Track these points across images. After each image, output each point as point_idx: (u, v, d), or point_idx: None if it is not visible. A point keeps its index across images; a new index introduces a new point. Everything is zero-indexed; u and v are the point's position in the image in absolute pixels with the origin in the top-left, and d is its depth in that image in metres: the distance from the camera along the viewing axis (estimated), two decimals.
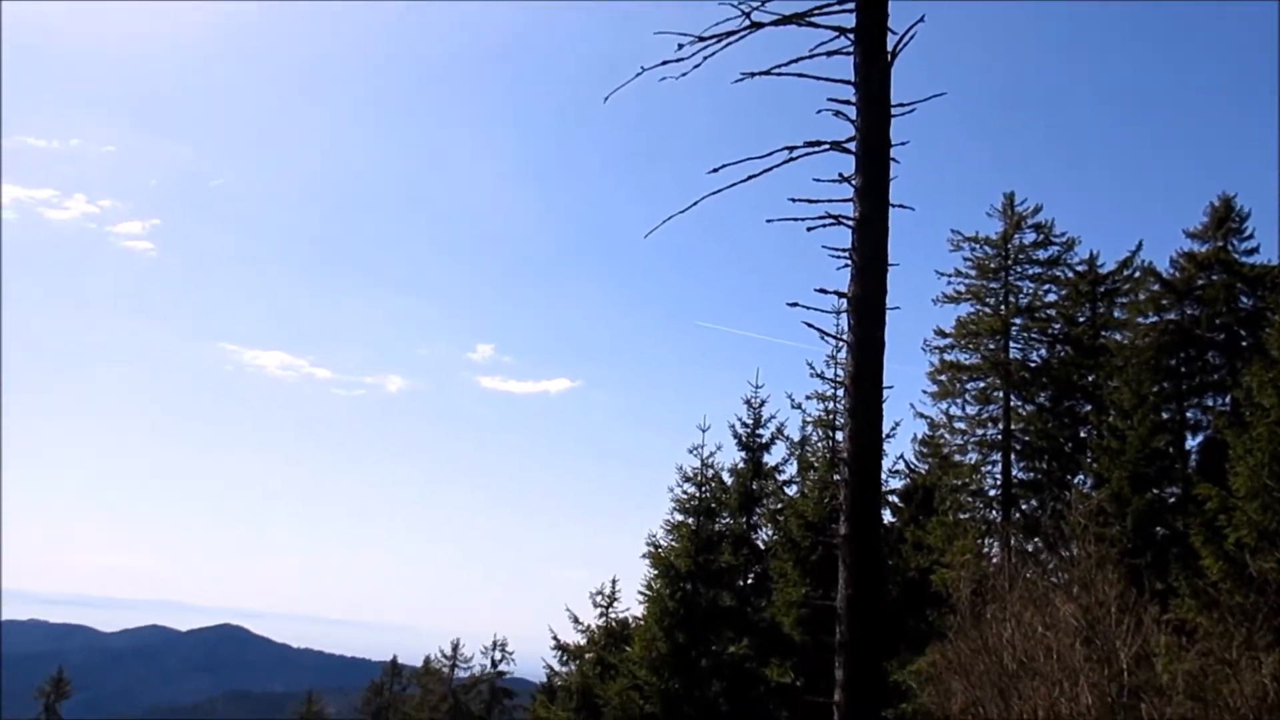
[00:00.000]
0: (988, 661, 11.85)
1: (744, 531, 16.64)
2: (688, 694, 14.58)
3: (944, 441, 25.95)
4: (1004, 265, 25.39)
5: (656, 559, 15.72)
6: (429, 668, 55.79)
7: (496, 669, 53.68)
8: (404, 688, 60.22)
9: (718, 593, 15.28)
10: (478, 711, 53.15)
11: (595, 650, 19.31)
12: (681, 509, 16.12)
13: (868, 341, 10.50)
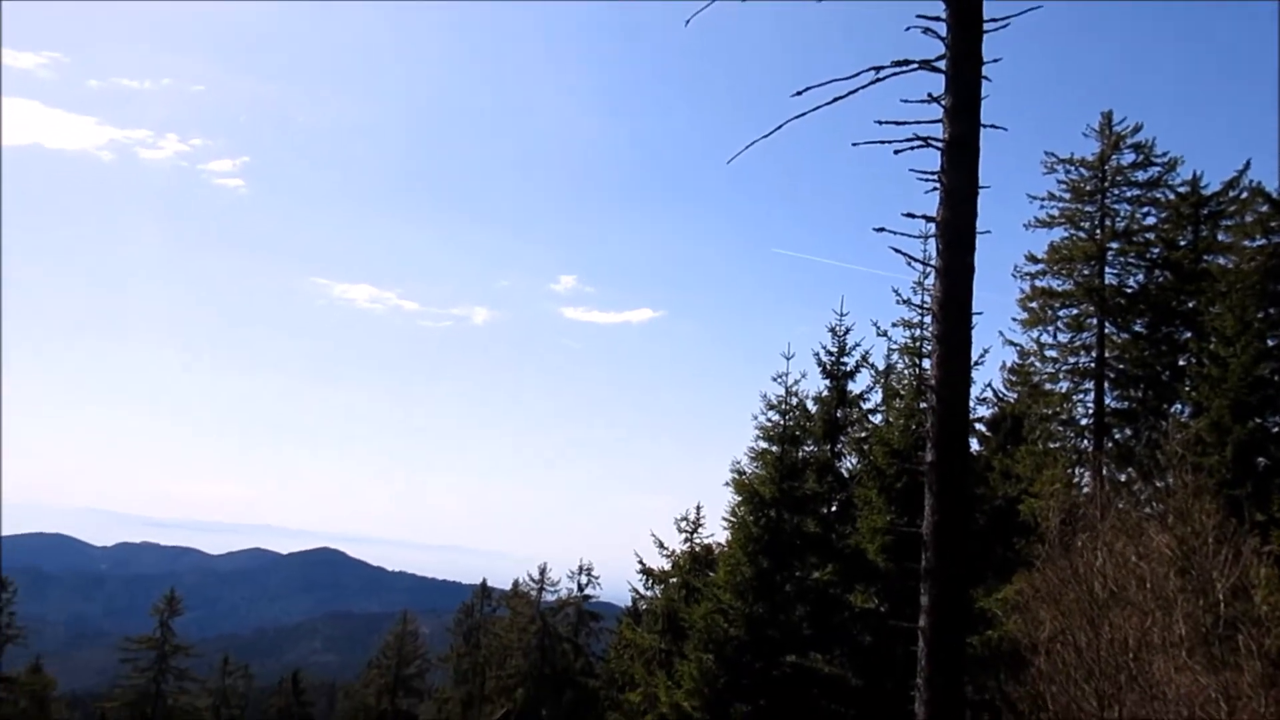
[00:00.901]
0: (1077, 590, 11.73)
1: (828, 459, 16.61)
2: (772, 618, 14.76)
3: (1034, 370, 25.44)
4: (1100, 188, 24.50)
5: (741, 485, 15.81)
6: (517, 591, 57.34)
7: (583, 593, 54.96)
8: (493, 610, 62.06)
9: (802, 519, 15.33)
10: (565, 633, 54.60)
11: (680, 574, 19.63)
12: (766, 436, 16.14)
13: (957, 267, 10.31)
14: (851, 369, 17.33)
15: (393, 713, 60.29)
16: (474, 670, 58.33)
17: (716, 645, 14.64)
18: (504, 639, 55.60)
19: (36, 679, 54.21)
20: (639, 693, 19.29)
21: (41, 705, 54.02)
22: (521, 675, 53.12)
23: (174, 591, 52.75)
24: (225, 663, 58.26)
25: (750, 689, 14.44)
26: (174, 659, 51.16)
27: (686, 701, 14.47)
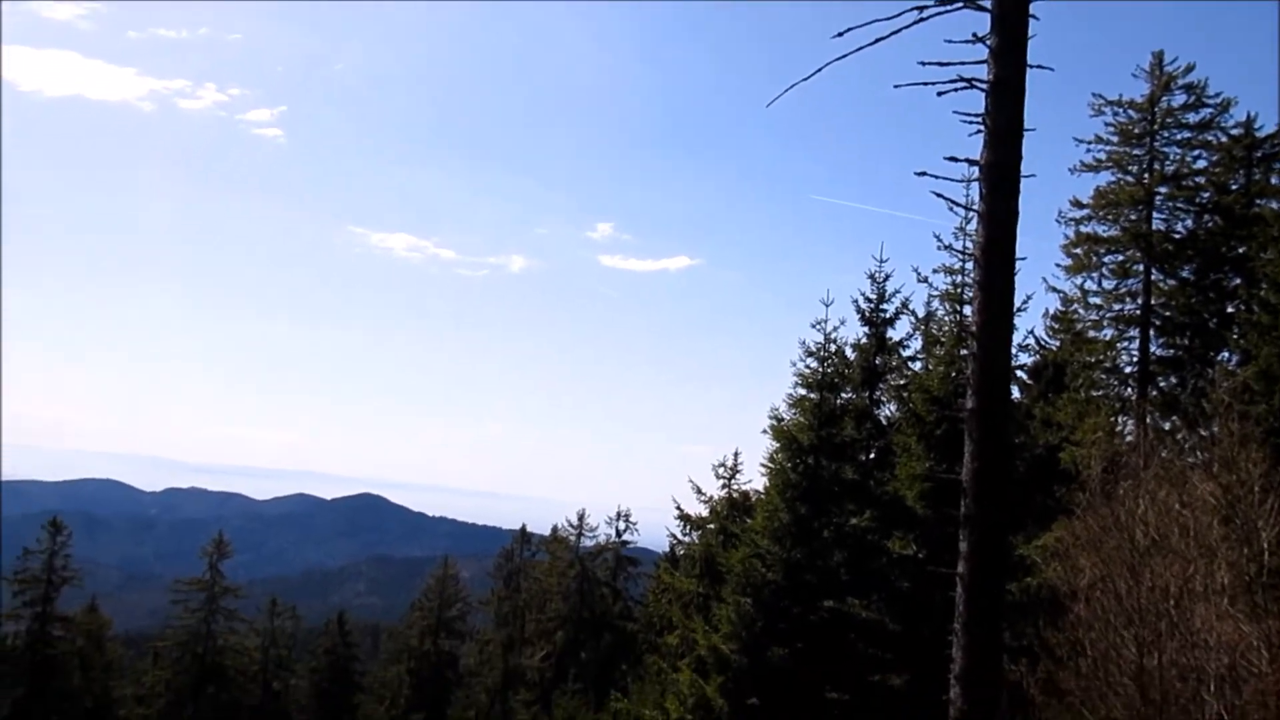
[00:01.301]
0: (1118, 538, 11.66)
1: (866, 406, 16.56)
2: (809, 563, 14.86)
3: (1077, 317, 25.07)
4: (1149, 130, 23.88)
5: (779, 432, 15.83)
6: (556, 536, 58.06)
7: (620, 538, 55.54)
8: (533, 554, 62.91)
9: (840, 466, 15.35)
10: (603, 578, 55.31)
11: (718, 520, 19.77)
12: (804, 383, 16.11)
13: (1000, 212, 10.17)
14: (891, 316, 17.20)
15: (435, 653, 61.61)
16: (514, 613, 59.35)
17: (754, 590, 14.78)
18: (543, 583, 56.43)
19: (92, 619, 55.94)
20: (676, 635, 19.56)
21: (98, 644, 55.77)
22: (561, 618, 53.98)
23: (222, 535, 54.01)
24: (273, 604, 59.73)
25: (787, 633, 14.59)
26: (223, 600, 52.52)
27: (724, 645, 14.66)
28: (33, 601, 49.19)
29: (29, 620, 49.13)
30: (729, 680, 14.66)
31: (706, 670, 15.19)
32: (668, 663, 20.83)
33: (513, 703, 53.71)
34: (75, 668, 51.00)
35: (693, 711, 14.97)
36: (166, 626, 55.29)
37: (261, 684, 56.73)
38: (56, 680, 49.19)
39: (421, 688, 60.89)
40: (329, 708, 64.70)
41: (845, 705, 14.56)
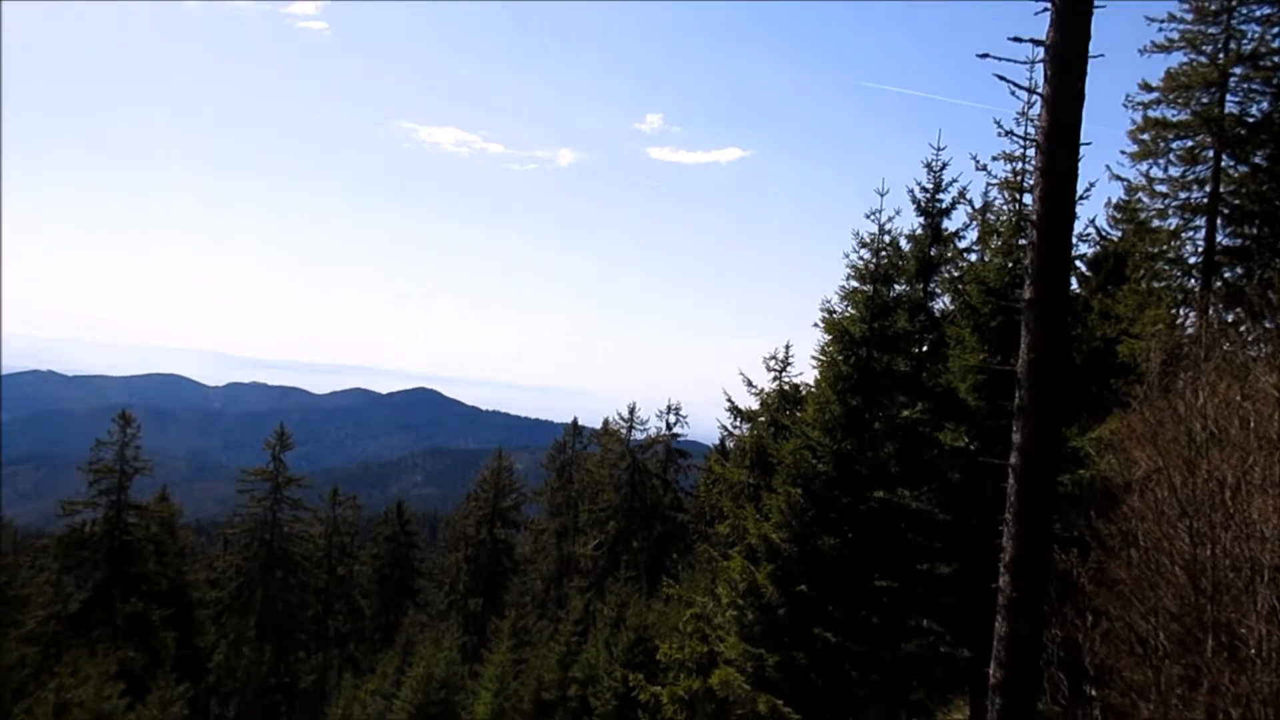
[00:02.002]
0: (1175, 430, 11.53)
1: (920, 298, 16.35)
2: (860, 454, 14.92)
3: (1141, 206, 24.32)
4: (1227, 7, 22.66)
5: (831, 325, 15.72)
6: (608, 429, 58.86)
7: (671, 431, 56.16)
8: (585, 447, 63.97)
9: (892, 358, 15.24)
10: (654, 470, 56.18)
11: (768, 412, 19.87)
12: (857, 275, 15.89)
13: (1065, 94, 9.81)
14: (947, 206, 16.82)
15: (492, 542, 63.47)
16: (567, 504, 60.72)
17: (804, 480, 14.91)
18: (595, 474, 57.52)
19: (164, 507, 58.20)
20: (727, 525, 19.90)
21: (170, 530, 58.14)
22: (613, 509, 55.14)
23: (283, 428, 55.55)
24: (334, 494, 61.68)
25: (837, 522, 14.76)
26: (287, 490, 54.37)
27: (775, 534, 14.88)
28: (107, 490, 51.31)
29: (105, 508, 51.34)
30: (779, 568, 14.92)
31: (757, 558, 15.47)
32: (718, 551, 21.25)
33: (567, 589, 55.36)
34: (150, 553, 53.36)
35: (743, 597, 15.31)
36: (234, 514, 57.52)
37: (326, 569, 59.06)
38: (133, 565, 51.57)
39: (479, 574, 62.97)
40: (391, 592, 67.26)
41: (893, 592, 14.79)
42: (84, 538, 50.82)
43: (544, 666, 38.81)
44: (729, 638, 16.14)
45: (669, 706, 20.46)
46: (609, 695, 32.30)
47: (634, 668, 28.89)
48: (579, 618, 43.70)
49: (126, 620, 50.12)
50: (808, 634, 14.44)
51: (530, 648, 43.42)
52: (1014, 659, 9.94)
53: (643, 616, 34.16)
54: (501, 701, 36.63)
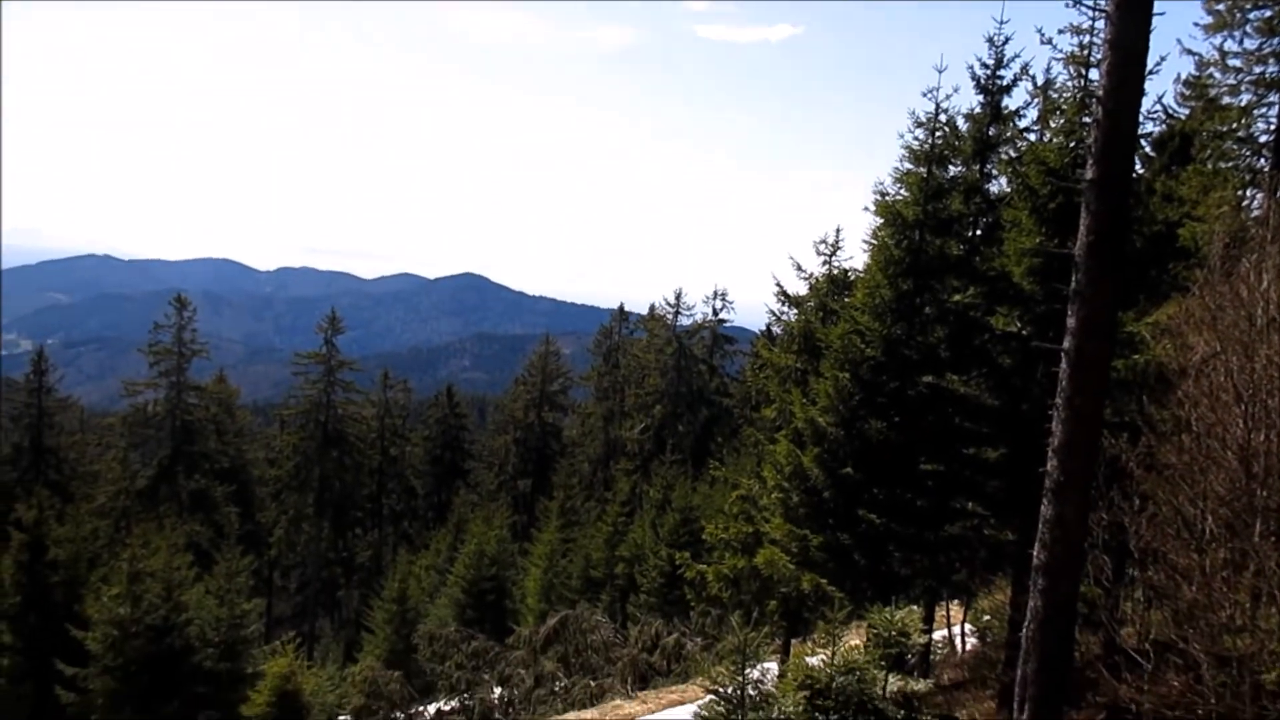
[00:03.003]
0: (1235, 314, 11.27)
1: (976, 180, 15.90)
2: (909, 339, 14.81)
3: (1212, 82, 23.26)
4: None
5: (883, 208, 15.40)
6: (654, 314, 59.02)
7: (717, 316, 56.21)
8: (631, 332, 64.32)
9: (945, 241, 14.94)
10: (700, 355, 56.44)
11: (817, 297, 19.72)
12: (912, 156, 15.47)
13: None
14: (1008, 83, 16.19)
15: (540, 425, 64.57)
16: (614, 388, 61.40)
17: (852, 365, 14.87)
18: (641, 360, 57.97)
19: (222, 388, 59.72)
20: (773, 409, 20.01)
21: (229, 411, 59.77)
22: (659, 393, 55.71)
23: (335, 312, 56.31)
24: (385, 377, 62.82)
25: (884, 407, 14.76)
26: (339, 373, 55.43)
27: (821, 418, 14.94)
28: (167, 372, 52.71)
29: (166, 389, 52.83)
30: (825, 451, 15.03)
31: (803, 442, 15.58)
32: (764, 435, 21.44)
33: (613, 472, 56.44)
34: (211, 432, 55.04)
35: (789, 480, 15.49)
36: (290, 396, 58.93)
37: (379, 450, 60.63)
38: (195, 443, 53.28)
39: (527, 457, 64.33)
40: (442, 473, 69.04)
41: (938, 476, 14.86)
42: (147, 417, 52.52)
43: (591, 546, 39.92)
44: (774, 519, 16.40)
45: (714, 584, 21.00)
46: (655, 573, 33.24)
47: (679, 547, 29.62)
48: (625, 499, 44.68)
49: (191, 496, 52.12)
50: (852, 516, 14.62)
51: (578, 528, 44.60)
52: (1059, 541, 10.02)
53: (688, 499, 34.84)
54: (550, 578, 37.85)
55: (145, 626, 26.31)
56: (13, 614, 28.42)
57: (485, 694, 23.00)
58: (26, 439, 53.14)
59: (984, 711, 14.37)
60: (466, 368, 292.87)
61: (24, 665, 27.65)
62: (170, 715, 26.24)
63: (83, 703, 26.31)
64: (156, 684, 26.17)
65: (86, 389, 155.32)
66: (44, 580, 28.91)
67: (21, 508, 32.33)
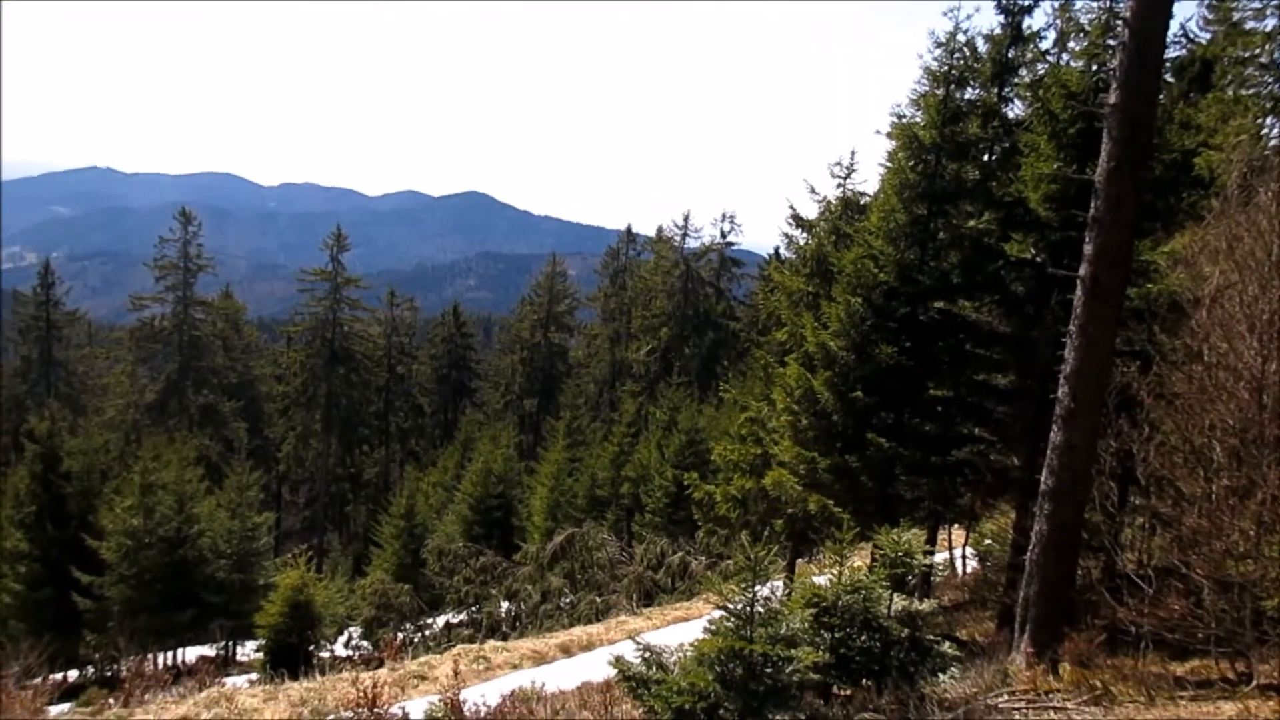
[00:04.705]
0: (1252, 244, 11.21)
1: (995, 104, 15.64)
2: (922, 264, 14.73)
3: (1236, 5, 22.75)
4: None
5: (899, 130, 15.17)
6: (661, 236, 58.73)
7: (725, 239, 55.92)
8: (638, 254, 64.10)
9: (961, 165, 14.75)
10: (707, 278, 56.29)
11: (830, 220, 19.59)
12: (930, 78, 15.19)
13: None
14: (1030, 3, 15.82)
15: (546, 345, 64.71)
16: (620, 310, 61.41)
17: (865, 289, 14.81)
18: (648, 282, 57.85)
19: (229, 304, 59.78)
20: (784, 331, 20.03)
21: (236, 327, 59.93)
22: (665, 316, 55.72)
23: (339, 229, 56.03)
24: (391, 295, 62.80)
25: (896, 332, 14.75)
26: (345, 290, 55.40)
27: (833, 342, 14.95)
28: (174, 286, 52.75)
29: (173, 303, 52.91)
30: (835, 375, 15.06)
31: (813, 365, 15.61)
32: (774, 358, 21.51)
33: (620, 393, 56.75)
34: (218, 348, 55.30)
35: (798, 403, 15.56)
36: (296, 313, 59.01)
37: (386, 367, 60.92)
38: (203, 358, 53.57)
39: (534, 376, 64.63)
40: (449, 391, 69.49)
41: (947, 401, 14.94)
42: (155, 331, 52.73)
43: (597, 465, 40.35)
44: (783, 441, 16.54)
45: (722, 504, 21.29)
46: (660, 494, 33.66)
47: (685, 468, 29.95)
48: (631, 420, 45.01)
49: (200, 411, 52.58)
50: (861, 439, 14.72)
51: (584, 447, 45.01)
52: (1066, 467, 10.12)
53: (694, 420, 35.11)
54: (556, 497, 38.34)
55: (158, 537, 26.85)
56: (29, 523, 28.97)
57: (493, 608, 23.49)
58: (35, 351, 53.53)
59: (983, 631, 14.67)
60: (472, 287, 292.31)
61: (42, 573, 28.26)
62: (185, 624, 26.92)
63: (99, 610, 26.98)
64: (171, 593, 26.80)
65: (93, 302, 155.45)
66: (58, 490, 29.39)
67: (34, 419, 32.73)
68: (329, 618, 24.51)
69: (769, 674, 7.26)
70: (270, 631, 21.35)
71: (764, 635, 7.30)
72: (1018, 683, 9.50)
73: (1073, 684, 9.06)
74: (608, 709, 9.32)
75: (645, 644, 8.04)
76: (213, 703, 13.29)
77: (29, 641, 21.07)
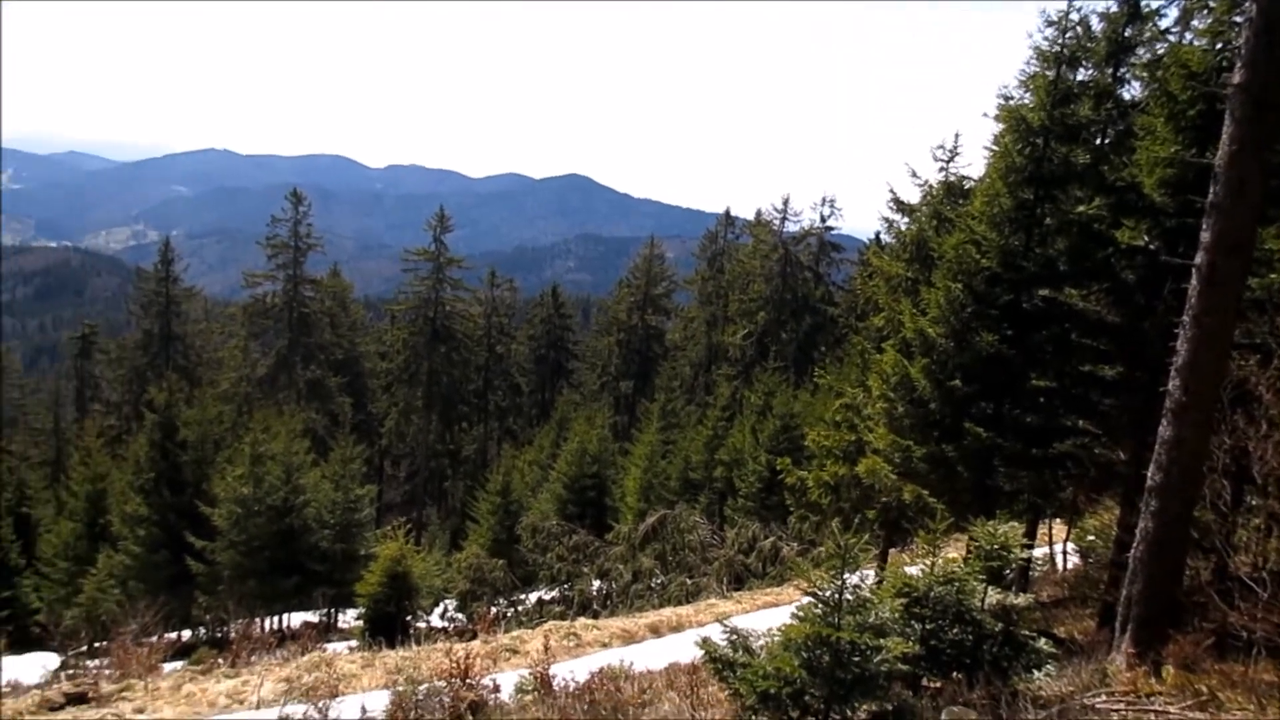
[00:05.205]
0: None
1: (1109, 85, 15.04)
2: (1027, 250, 14.30)
3: None
4: None
5: (1006, 112, 14.73)
6: (760, 220, 58.28)
7: (825, 223, 55.17)
8: (736, 237, 63.73)
9: (1071, 149, 14.24)
10: (806, 262, 55.67)
11: (932, 204, 19.15)
12: (1040, 58, 14.67)
13: None
14: None
15: (643, 327, 64.94)
16: (717, 293, 61.19)
17: (966, 275, 14.45)
18: (746, 265, 57.49)
19: (336, 282, 61.57)
20: (881, 317, 19.72)
21: (343, 305, 61.71)
22: (763, 300, 55.32)
23: (443, 210, 57.07)
24: (492, 275, 63.76)
25: (997, 319, 14.37)
26: (448, 270, 56.47)
27: (931, 328, 14.65)
28: (284, 265, 54.49)
29: (283, 281, 54.68)
30: (933, 363, 14.77)
31: (911, 352, 15.33)
32: (871, 344, 21.19)
33: (715, 376, 56.64)
34: (325, 324, 56.99)
35: (894, 390, 15.31)
36: (400, 292, 60.45)
37: (486, 347, 61.97)
38: (311, 334, 55.28)
39: (630, 358, 64.96)
40: (546, 372, 70.33)
41: (1050, 392, 14.50)
42: (266, 308, 54.63)
43: (691, 448, 40.40)
44: (878, 428, 16.30)
45: (814, 490, 21.11)
46: (753, 478, 33.53)
47: (779, 453, 29.76)
48: (726, 404, 44.93)
49: (308, 385, 54.33)
50: (958, 428, 14.41)
51: (678, 430, 45.10)
52: (1175, 463, 9.73)
53: (789, 406, 34.83)
54: (650, 478, 38.53)
55: (266, 506, 27.89)
56: (148, 488, 30.40)
57: (584, 585, 23.77)
58: (156, 326, 55.94)
59: (1083, 630, 14.25)
60: (571, 269, 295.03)
61: (159, 536, 29.65)
62: (290, 590, 27.94)
63: (210, 574, 28.19)
64: (277, 560, 27.83)
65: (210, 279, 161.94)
66: (175, 459, 30.76)
67: (153, 390, 34.26)
68: (426, 589, 25.13)
69: (856, 662, 7.20)
70: (369, 600, 22.00)
71: (852, 623, 7.24)
72: (1117, 684, 9.21)
73: (1176, 687, 8.74)
74: (694, 690, 9.36)
75: (732, 627, 8.05)
76: (314, 666, 13.78)
77: (146, 601, 22.18)
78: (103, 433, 45.06)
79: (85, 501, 35.10)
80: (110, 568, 29.99)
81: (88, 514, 34.70)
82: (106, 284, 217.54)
